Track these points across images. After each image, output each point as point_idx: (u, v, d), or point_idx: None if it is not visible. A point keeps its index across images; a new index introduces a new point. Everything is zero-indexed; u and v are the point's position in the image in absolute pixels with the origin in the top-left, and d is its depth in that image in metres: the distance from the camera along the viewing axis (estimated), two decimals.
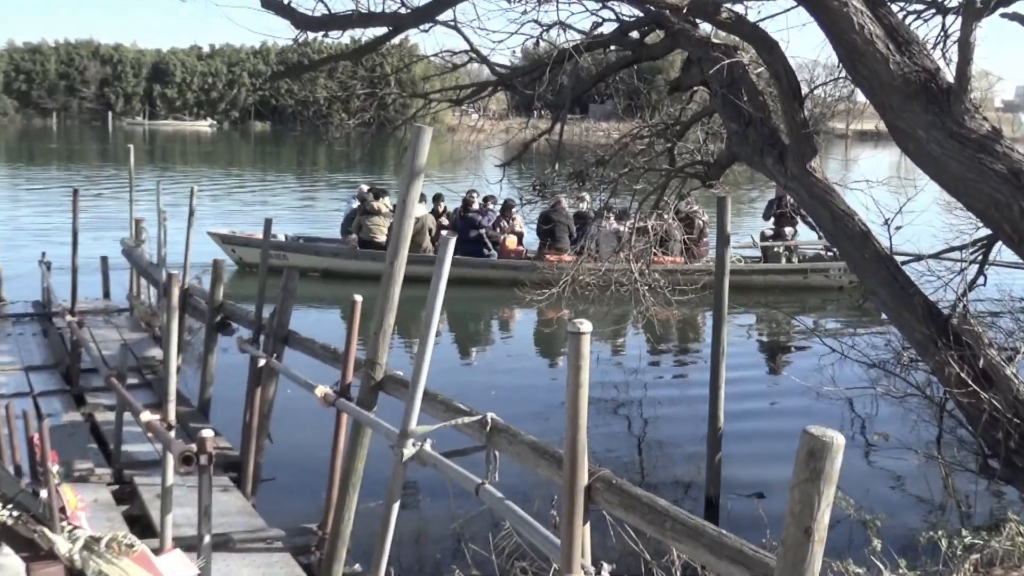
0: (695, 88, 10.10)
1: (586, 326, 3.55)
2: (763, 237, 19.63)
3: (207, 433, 4.68)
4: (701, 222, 18.58)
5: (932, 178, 6.75)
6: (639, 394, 12.10)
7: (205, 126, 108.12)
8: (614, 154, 11.41)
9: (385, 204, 18.90)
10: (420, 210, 18.64)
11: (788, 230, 19.53)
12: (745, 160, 8.44)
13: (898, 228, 8.10)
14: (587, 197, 16.62)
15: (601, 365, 13.37)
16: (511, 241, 19.11)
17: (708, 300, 9.86)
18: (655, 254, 14.47)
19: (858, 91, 7.46)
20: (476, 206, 19.02)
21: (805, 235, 19.51)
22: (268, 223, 8.86)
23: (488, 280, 17.81)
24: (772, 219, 19.82)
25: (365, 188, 19.69)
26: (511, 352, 14.44)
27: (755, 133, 7.91)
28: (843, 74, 7.83)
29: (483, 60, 11.12)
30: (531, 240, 19.40)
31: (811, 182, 7.42)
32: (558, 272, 12.85)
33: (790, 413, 11.06)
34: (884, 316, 7.56)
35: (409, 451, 4.95)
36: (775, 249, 19.35)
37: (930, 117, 6.47)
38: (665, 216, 11.64)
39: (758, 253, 19.59)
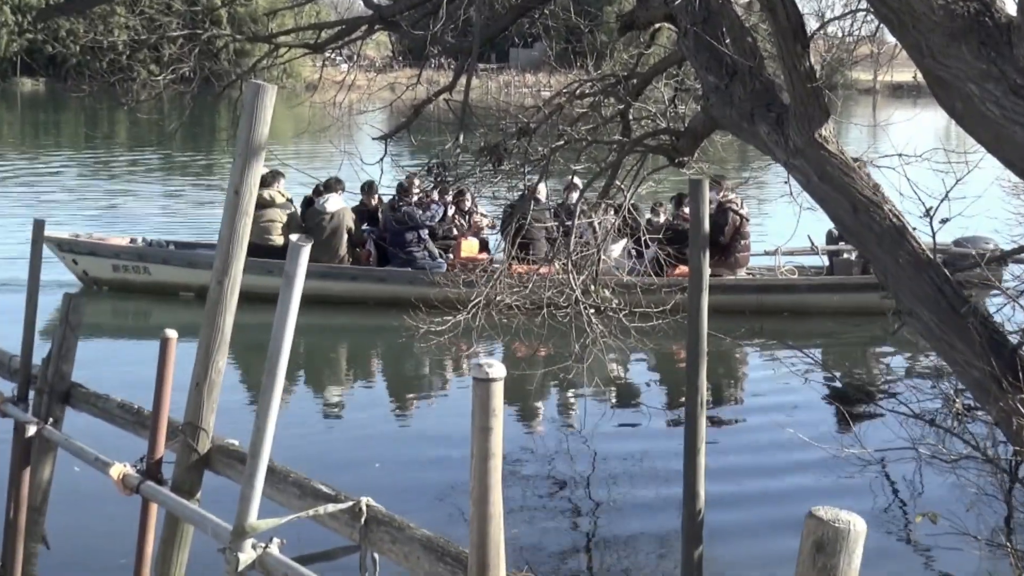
0: (657, 26, 10.20)
1: (496, 369, 3.54)
2: (831, 237, 18.76)
3: None
4: (738, 217, 18.47)
5: (989, 150, 6.87)
6: (586, 467, 12.12)
7: None
8: (544, 120, 11.46)
9: (280, 192, 18.78)
10: (335, 203, 18.61)
11: None
12: (729, 127, 8.54)
13: (944, 221, 8.23)
14: (580, 184, 16.55)
15: (534, 424, 13.37)
16: (468, 246, 18.85)
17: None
18: (670, 263, 14.52)
19: (886, 29, 7.60)
20: (415, 196, 18.77)
21: None
22: (39, 226, 8.71)
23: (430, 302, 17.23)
24: None
25: (264, 171, 19.53)
26: (422, 409, 14.39)
27: (742, 89, 8.00)
28: (864, 5, 7.96)
29: None
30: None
31: (822, 158, 7.52)
32: (469, 288, 12.84)
33: (799, 489, 11.16)
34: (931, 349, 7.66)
35: (248, 555, 4.90)
36: (844, 255, 18.61)
37: (984, 65, 6.59)
38: (612, 206, 11.72)
39: (823, 261, 19.38)
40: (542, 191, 17.72)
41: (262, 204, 18.26)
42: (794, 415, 13.71)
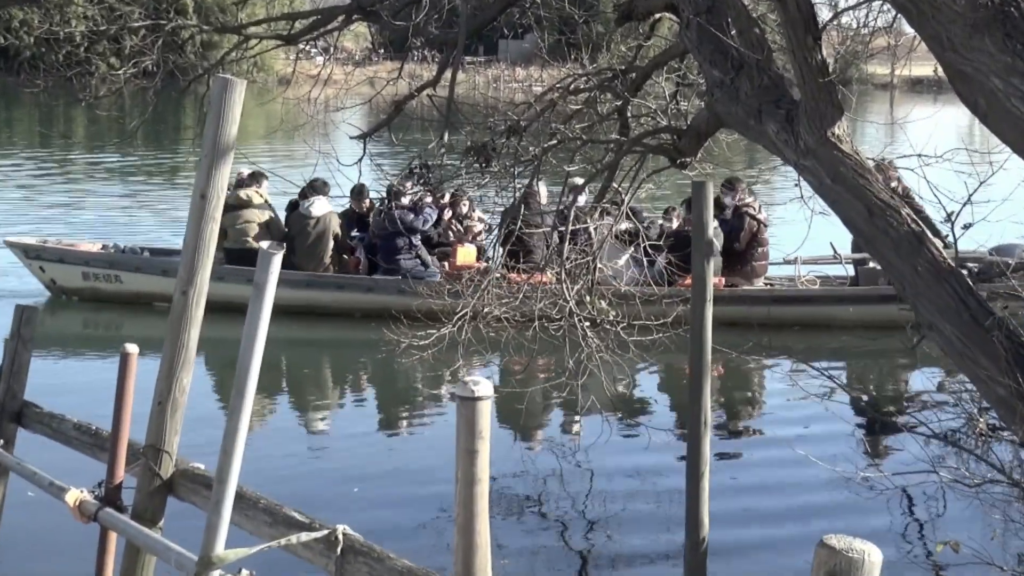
0: (657, 16, 10.21)
1: (483, 387, 3.54)
2: (857, 245, 18.17)
3: None
4: (755, 222, 18.38)
5: (1014, 150, 6.89)
6: (581, 493, 12.12)
7: None
8: (536, 117, 11.47)
9: (258, 192, 18.73)
10: (321, 207, 18.57)
11: None
12: (735, 126, 8.54)
13: (966, 227, 8.25)
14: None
15: (524, 447, 13.36)
16: (465, 254, 18.69)
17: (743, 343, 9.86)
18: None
19: (903, 19, 7.61)
20: (408, 199, 18.61)
21: None
22: None
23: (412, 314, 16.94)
24: None
25: (246, 172, 19.49)
26: (405, 429, 14.35)
27: (749, 84, 8.00)
28: None
29: None
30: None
31: (835, 158, 7.52)
32: (454, 298, 12.83)
33: (810, 516, 11.16)
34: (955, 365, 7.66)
35: None
36: (871, 264, 18.28)
37: (1009, 58, 6.60)
38: (612, 210, 11.72)
39: (847, 271, 19.19)
40: (543, 194, 17.66)
41: (238, 205, 18.29)
42: (806, 436, 13.71)
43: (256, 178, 18.90)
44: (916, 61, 12.69)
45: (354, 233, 19.37)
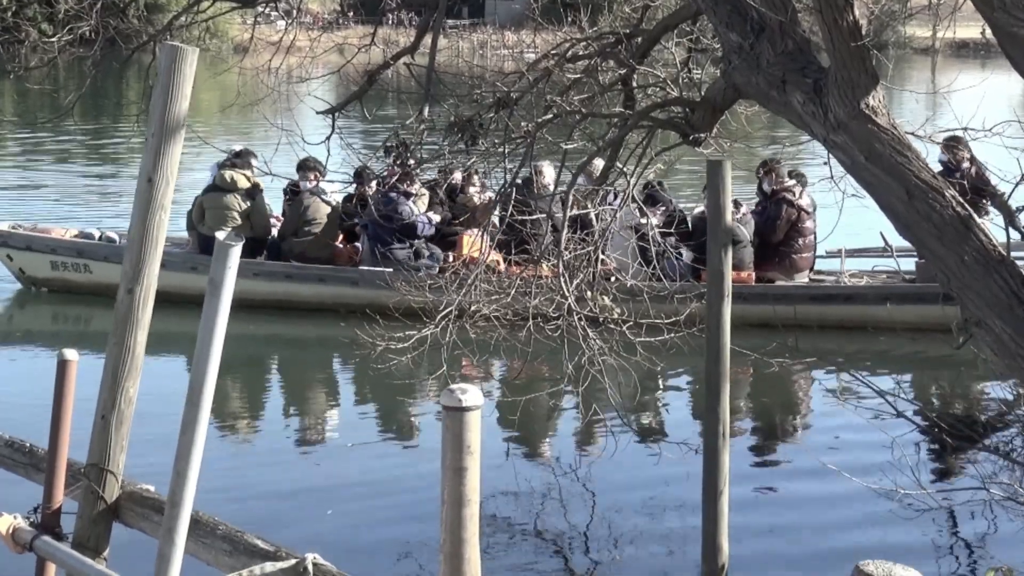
0: None
1: (472, 396, 3.55)
2: None
3: None
4: (794, 209, 18.31)
5: None
6: (582, 515, 12.12)
7: None
8: (529, 88, 11.47)
9: (245, 176, 18.61)
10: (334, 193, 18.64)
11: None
12: (755, 97, 8.55)
13: (1020, 210, 8.26)
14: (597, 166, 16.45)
15: (518, 464, 13.36)
16: (471, 243, 18.44)
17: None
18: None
19: None
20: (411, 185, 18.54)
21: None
22: None
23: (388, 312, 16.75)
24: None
25: (237, 148, 19.43)
26: (385, 444, 14.33)
27: (771, 50, 8.01)
28: None
29: None
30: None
31: (869, 133, 7.53)
32: (437, 295, 12.82)
33: (845, 539, 11.18)
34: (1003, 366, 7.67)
35: None
36: None
37: None
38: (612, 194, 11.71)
39: (906, 265, 19.02)
40: (549, 175, 17.54)
41: (222, 187, 18.26)
42: (839, 448, 13.72)
43: (245, 157, 18.78)
44: (961, 22, 12.67)
45: (356, 220, 19.30)
